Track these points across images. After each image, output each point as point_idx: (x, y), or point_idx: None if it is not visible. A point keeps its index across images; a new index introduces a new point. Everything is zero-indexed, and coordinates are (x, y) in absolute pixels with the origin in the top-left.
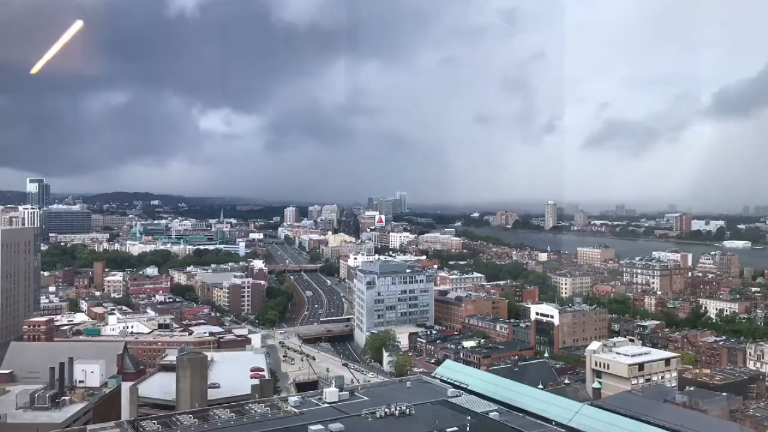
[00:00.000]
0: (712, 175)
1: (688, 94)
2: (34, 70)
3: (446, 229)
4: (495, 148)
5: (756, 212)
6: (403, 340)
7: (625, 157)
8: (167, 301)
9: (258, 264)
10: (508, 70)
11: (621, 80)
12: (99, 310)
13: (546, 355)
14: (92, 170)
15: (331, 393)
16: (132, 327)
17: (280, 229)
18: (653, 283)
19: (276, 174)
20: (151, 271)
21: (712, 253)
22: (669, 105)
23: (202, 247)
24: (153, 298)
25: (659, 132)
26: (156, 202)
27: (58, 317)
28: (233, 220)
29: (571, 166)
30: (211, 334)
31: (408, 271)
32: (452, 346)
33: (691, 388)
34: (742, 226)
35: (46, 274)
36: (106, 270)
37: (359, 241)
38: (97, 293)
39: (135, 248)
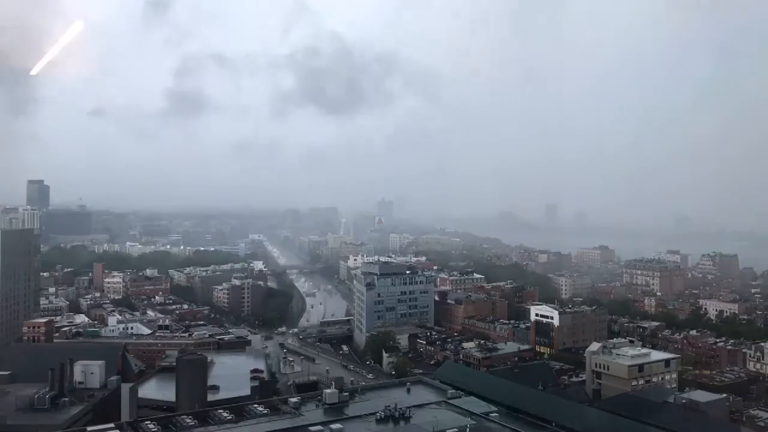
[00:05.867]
0: None
1: None
2: (34, 71)
3: (446, 230)
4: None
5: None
6: (403, 342)
7: None
8: (167, 302)
9: (258, 265)
10: None
11: None
12: (99, 311)
13: (546, 356)
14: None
15: (330, 394)
16: (132, 328)
17: (280, 230)
18: (653, 284)
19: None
20: (151, 272)
21: (712, 254)
22: None
23: (201, 248)
24: (153, 299)
25: None
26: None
27: (58, 318)
28: (233, 221)
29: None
30: (211, 335)
31: (408, 272)
32: (452, 347)
33: (691, 390)
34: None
35: (45, 275)
36: (106, 271)
37: (359, 242)
38: (97, 294)
39: (134, 249)
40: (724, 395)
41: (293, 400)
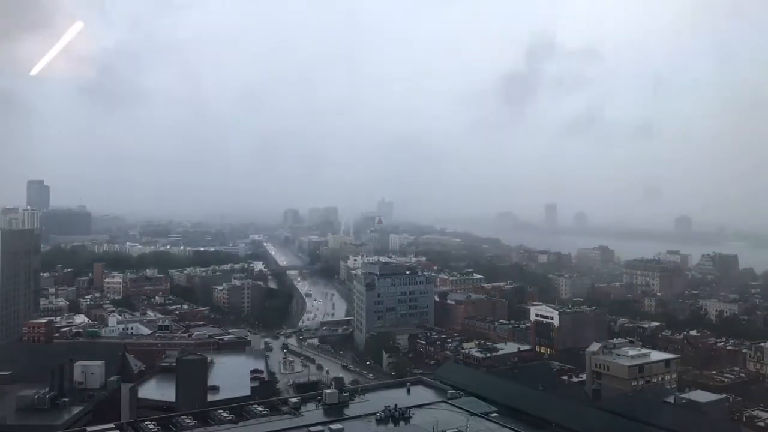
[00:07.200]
0: None
1: None
2: (34, 71)
3: (446, 231)
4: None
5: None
6: (403, 342)
7: None
8: (167, 302)
9: (258, 265)
10: None
11: None
12: (99, 311)
13: (546, 356)
14: None
15: (330, 394)
16: (132, 328)
17: (280, 230)
18: (653, 284)
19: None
20: (151, 272)
21: (712, 254)
22: None
23: (201, 249)
24: (153, 299)
25: None
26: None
27: (58, 319)
28: (233, 222)
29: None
30: (211, 335)
31: (408, 272)
32: (452, 347)
33: (691, 390)
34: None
35: (45, 275)
36: (106, 271)
37: (359, 242)
38: (97, 294)
39: (134, 249)
40: (724, 395)
41: (293, 400)
